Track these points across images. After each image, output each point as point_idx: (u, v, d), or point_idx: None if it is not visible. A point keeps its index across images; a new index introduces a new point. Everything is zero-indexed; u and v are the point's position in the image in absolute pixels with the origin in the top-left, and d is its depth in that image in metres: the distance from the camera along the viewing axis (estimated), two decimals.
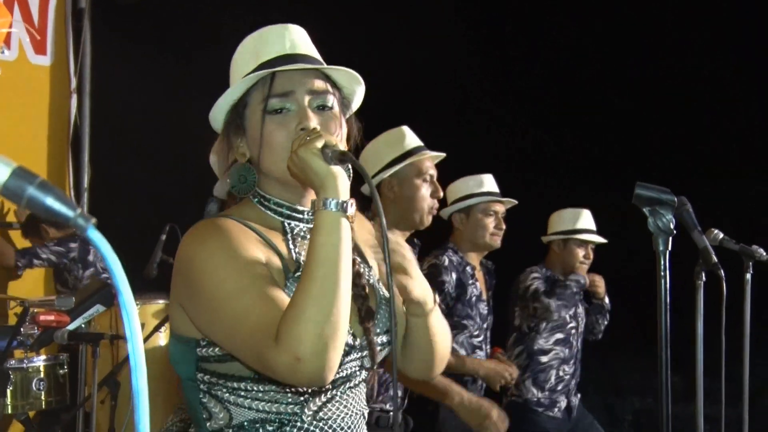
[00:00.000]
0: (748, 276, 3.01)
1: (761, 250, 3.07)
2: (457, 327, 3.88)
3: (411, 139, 3.34)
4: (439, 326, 1.77)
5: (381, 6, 6.84)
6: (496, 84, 7.55)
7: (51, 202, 0.78)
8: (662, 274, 1.50)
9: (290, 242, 1.67)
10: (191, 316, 1.58)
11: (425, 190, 3.28)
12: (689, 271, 2.60)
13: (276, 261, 1.62)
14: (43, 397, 3.82)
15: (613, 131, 7.66)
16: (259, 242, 1.61)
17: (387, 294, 1.69)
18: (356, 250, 1.73)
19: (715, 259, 2.23)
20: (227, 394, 1.60)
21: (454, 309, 3.90)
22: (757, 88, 6.99)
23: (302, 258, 1.65)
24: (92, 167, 6.37)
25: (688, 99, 7.29)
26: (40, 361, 3.86)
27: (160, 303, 4.44)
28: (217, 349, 1.58)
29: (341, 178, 1.51)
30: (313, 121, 1.61)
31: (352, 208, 1.51)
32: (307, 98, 1.64)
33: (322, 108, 1.65)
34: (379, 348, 1.69)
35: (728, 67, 7.03)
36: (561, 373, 4.56)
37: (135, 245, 5.38)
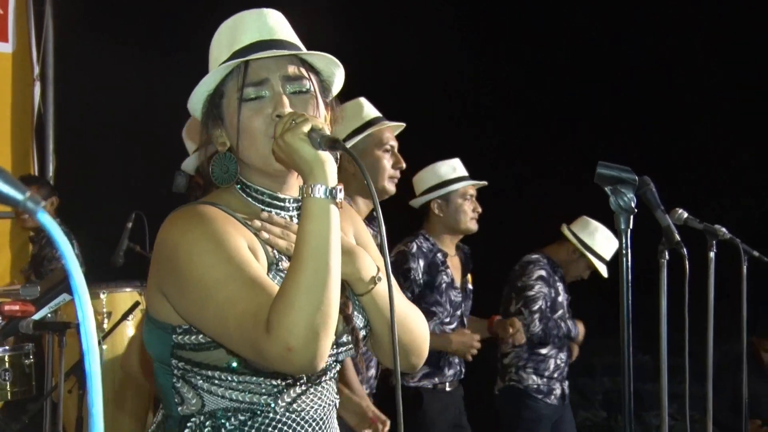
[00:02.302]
0: (712, 254, 3.04)
1: (724, 229, 3.10)
2: (426, 314, 3.89)
3: (369, 109, 3.25)
4: (398, 305, 1.69)
5: None
6: (484, 77, 7.54)
7: None
8: (624, 252, 1.51)
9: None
10: (175, 304, 1.56)
11: (386, 161, 3.20)
12: (654, 250, 2.63)
13: (259, 249, 1.61)
14: (8, 388, 3.77)
15: (598, 121, 7.70)
16: (244, 229, 1.61)
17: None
18: None
19: (677, 237, 2.25)
20: (201, 381, 1.60)
21: (423, 295, 3.92)
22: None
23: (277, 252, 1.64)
24: (57, 156, 6.30)
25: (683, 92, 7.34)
26: (4, 352, 3.81)
27: (127, 291, 4.40)
28: (193, 337, 1.57)
29: (329, 164, 1.49)
30: (288, 107, 1.59)
31: (341, 194, 1.49)
32: (281, 84, 1.62)
33: (298, 93, 1.63)
34: (362, 336, 1.68)
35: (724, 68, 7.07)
36: (558, 361, 4.62)
37: (101, 233, 5.33)
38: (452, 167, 4.11)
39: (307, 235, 1.46)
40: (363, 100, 3.28)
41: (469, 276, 4.21)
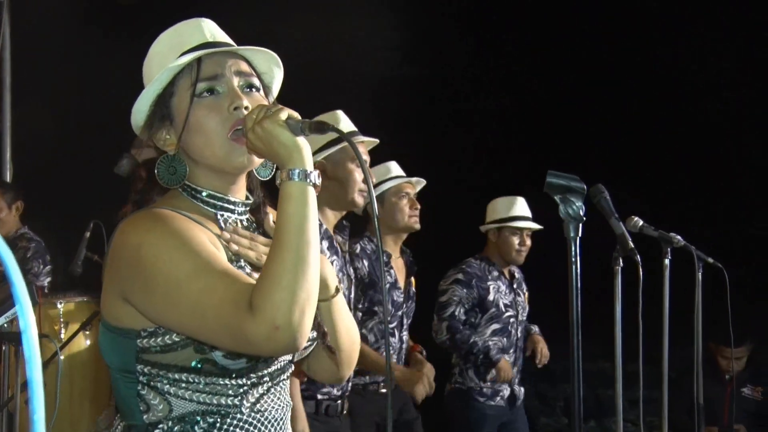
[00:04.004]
0: (667, 261, 3.10)
1: (678, 237, 3.16)
2: (367, 313, 3.99)
3: (345, 123, 3.35)
4: (345, 315, 1.78)
5: None
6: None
7: None
8: (573, 260, 1.54)
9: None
10: (142, 306, 1.55)
11: (358, 175, 3.30)
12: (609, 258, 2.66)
13: (220, 246, 1.62)
14: None
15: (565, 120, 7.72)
16: (202, 228, 1.62)
17: None
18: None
19: (631, 245, 2.29)
20: (168, 386, 1.59)
21: (366, 295, 3.98)
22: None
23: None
24: (14, 163, 6.21)
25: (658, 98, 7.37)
26: None
27: (85, 301, 4.35)
28: (159, 339, 1.56)
29: (306, 150, 1.54)
30: (245, 100, 1.63)
31: (318, 179, 1.54)
32: (236, 80, 1.66)
33: (250, 89, 1.67)
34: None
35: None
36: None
37: (59, 242, 5.27)
38: (387, 168, 4.23)
39: (288, 216, 1.49)
40: (340, 112, 3.37)
41: (412, 279, 4.26)
